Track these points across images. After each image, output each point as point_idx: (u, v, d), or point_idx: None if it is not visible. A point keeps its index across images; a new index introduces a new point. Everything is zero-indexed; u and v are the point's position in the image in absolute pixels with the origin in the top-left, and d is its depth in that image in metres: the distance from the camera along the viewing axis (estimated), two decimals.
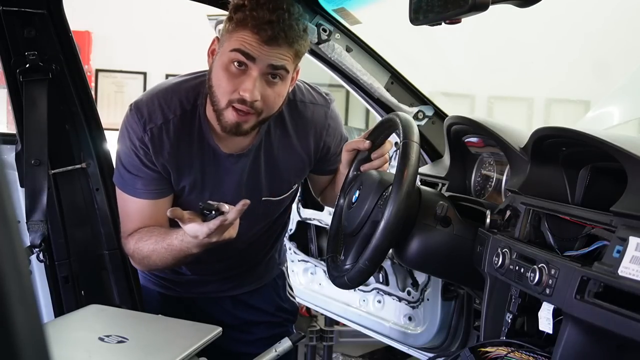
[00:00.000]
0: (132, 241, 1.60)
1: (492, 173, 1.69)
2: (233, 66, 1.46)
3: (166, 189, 1.62)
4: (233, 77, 1.46)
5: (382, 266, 2.07)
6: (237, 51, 1.44)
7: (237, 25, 1.44)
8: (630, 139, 1.20)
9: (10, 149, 1.71)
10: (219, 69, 1.48)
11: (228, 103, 1.48)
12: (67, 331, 1.43)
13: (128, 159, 1.59)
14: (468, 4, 1.11)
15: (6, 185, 0.39)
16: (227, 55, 1.46)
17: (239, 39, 1.44)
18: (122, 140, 1.60)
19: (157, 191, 1.61)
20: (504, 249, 1.29)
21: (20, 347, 0.37)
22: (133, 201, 1.61)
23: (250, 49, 1.44)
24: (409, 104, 2.00)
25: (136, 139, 1.56)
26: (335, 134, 1.73)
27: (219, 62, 1.48)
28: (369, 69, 1.96)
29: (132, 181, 1.59)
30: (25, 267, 0.39)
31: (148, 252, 1.56)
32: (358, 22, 1.91)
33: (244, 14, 1.43)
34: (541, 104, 5.15)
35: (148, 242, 1.55)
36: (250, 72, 1.45)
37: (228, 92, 1.47)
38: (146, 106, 1.57)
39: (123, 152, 1.60)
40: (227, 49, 1.46)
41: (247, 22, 1.43)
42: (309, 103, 1.67)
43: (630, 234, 0.98)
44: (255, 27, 1.42)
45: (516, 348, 1.20)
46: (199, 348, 1.34)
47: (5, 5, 1.65)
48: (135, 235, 1.60)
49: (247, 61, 1.44)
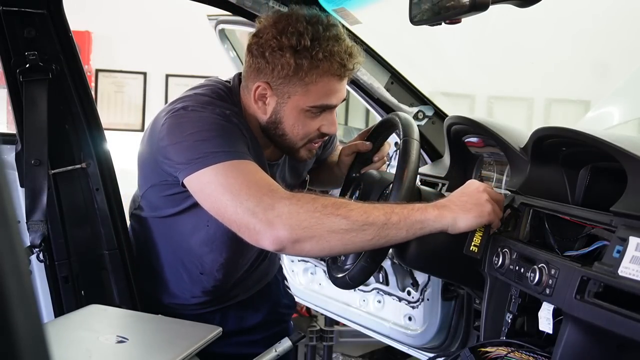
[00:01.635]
0: (309, 200, 1.23)
1: (492, 173, 1.69)
2: (309, 114, 1.42)
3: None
4: (312, 120, 1.43)
5: (382, 266, 2.07)
6: (320, 106, 1.39)
7: (311, 71, 1.33)
8: (630, 139, 1.20)
9: (10, 149, 1.71)
10: (295, 117, 1.42)
11: (308, 141, 1.46)
12: (67, 331, 1.42)
13: (229, 132, 1.36)
14: (468, 4, 1.11)
15: (6, 185, 0.39)
16: (307, 109, 1.40)
17: (320, 91, 1.37)
18: (198, 124, 1.35)
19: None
20: (504, 249, 1.29)
21: (20, 347, 0.37)
22: (248, 165, 1.32)
23: (333, 99, 1.39)
24: (409, 104, 2.00)
25: (222, 117, 1.37)
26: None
27: (294, 113, 1.41)
28: (369, 69, 1.96)
29: (234, 144, 1.34)
30: (25, 267, 0.39)
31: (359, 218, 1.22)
32: (358, 22, 1.91)
33: (319, 55, 1.32)
34: (541, 104, 5.14)
35: (355, 211, 1.22)
36: (332, 112, 1.43)
37: (309, 134, 1.45)
38: (211, 92, 1.44)
39: (208, 127, 1.34)
40: (305, 104, 1.39)
41: (324, 68, 1.34)
42: None
43: (630, 234, 0.98)
44: (335, 69, 1.34)
45: (516, 348, 1.20)
46: (199, 348, 1.34)
47: (5, 5, 1.65)
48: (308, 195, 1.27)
49: (330, 108, 1.42)
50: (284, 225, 1.20)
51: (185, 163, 1.33)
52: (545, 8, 1.21)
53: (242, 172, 1.28)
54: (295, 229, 1.20)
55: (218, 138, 1.32)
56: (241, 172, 1.28)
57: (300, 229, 1.19)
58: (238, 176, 1.27)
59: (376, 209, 1.23)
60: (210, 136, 1.32)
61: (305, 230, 1.20)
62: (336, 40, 1.35)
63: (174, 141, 1.37)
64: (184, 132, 1.35)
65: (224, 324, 1.58)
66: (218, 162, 1.29)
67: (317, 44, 1.33)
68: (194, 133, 1.34)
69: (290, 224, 1.20)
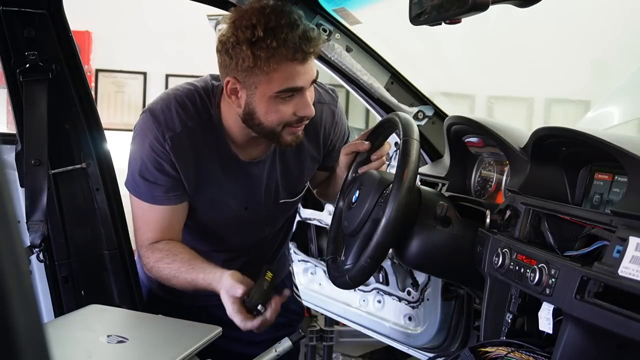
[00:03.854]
0: (151, 256, 1.60)
1: (492, 173, 1.69)
2: (280, 99, 1.46)
3: (184, 193, 1.61)
4: (284, 104, 1.47)
5: (382, 266, 2.07)
6: (286, 90, 1.44)
7: (269, 60, 1.40)
8: (630, 139, 1.20)
9: (10, 149, 1.71)
10: (265, 105, 1.47)
11: (284, 126, 1.50)
12: (67, 331, 1.42)
13: (146, 166, 1.56)
14: (468, 4, 1.11)
15: (6, 185, 0.39)
16: (274, 95, 1.45)
17: (281, 76, 1.42)
18: (138, 147, 1.57)
19: (176, 196, 1.60)
20: (504, 249, 1.29)
21: (20, 347, 0.37)
22: (151, 209, 1.59)
23: (298, 81, 1.44)
24: (409, 104, 2.00)
25: (157, 146, 1.54)
26: (341, 131, 1.76)
27: (263, 101, 1.47)
28: (369, 69, 1.96)
29: (150, 189, 1.58)
30: (25, 267, 0.39)
31: (168, 276, 1.57)
32: (358, 22, 1.91)
33: (268, 44, 1.38)
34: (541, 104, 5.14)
35: (171, 267, 1.56)
36: (303, 94, 1.46)
37: (284, 119, 1.48)
38: (162, 112, 1.55)
39: (140, 160, 1.56)
40: (271, 91, 1.44)
41: (280, 54, 1.39)
42: (317, 103, 1.65)
43: (630, 234, 0.98)
44: (292, 54, 1.39)
45: (516, 348, 1.20)
46: (199, 348, 1.34)
47: (5, 5, 1.65)
48: (156, 251, 1.59)
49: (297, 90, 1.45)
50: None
51: (129, 174, 1.62)
52: (545, 8, 1.21)
53: (141, 211, 1.62)
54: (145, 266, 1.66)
55: (142, 175, 1.57)
56: (140, 210, 1.62)
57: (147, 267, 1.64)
58: (140, 214, 1.63)
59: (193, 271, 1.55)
60: (138, 171, 1.57)
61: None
62: (290, 26, 1.40)
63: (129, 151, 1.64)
64: (131, 152, 1.61)
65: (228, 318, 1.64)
66: (135, 195, 1.61)
67: (271, 32, 1.39)
68: (132, 161, 1.60)
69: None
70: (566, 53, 4.41)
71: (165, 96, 1.60)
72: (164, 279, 1.59)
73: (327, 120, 1.70)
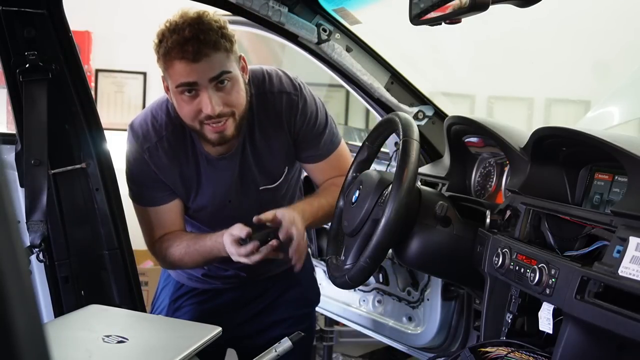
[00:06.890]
0: (161, 247, 1.75)
1: (492, 173, 1.69)
2: (185, 96, 1.57)
3: (173, 192, 1.76)
4: (190, 102, 1.58)
5: (382, 266, 2.07)
6: (179, 86, 1.56)
7: (165, 61, 1.56)
8: (630, 139, 1.20)
9: (10, 149, 1.71)
10: (176, 102, 1.61)
11: (200, 124, 1.60)
12: (67, 331, 1.42)
13: (137, 175, 1.73)
14: (468, 4, 1.11)
15: (6, 185, 0.39)
16: (175, 92, 1.58)
17: (174, 73, 1.55)
18: (126, 157, 1.74)
19: (165, 195, 1.75)
20: (504, 249, 1.29)
21: (20, 347, 0.37)
22: (153, 211, 1.75)
23: (187, 77, 1.54)
24: (409, 104, 2.00)
25: (138, 157, 1.71)
26: (307, 116, 1.76)
27: (174, 97, 1.61)
28: (369, 69, 1.96)
29: (148, 192, 1.74)
30: (25, 267, 0.39)
31: (180, 255, 1.72)
32: (358, 22, 1.91)
33: (164, 47, 1.55)
34: (541, 104, 5.14)
35: (180, 247, 1.72)
36: (200, 92, 1.56)
37: (194, 116, 1.59)
38: (140, 127, 1.71)
39: (131, 171, 1.74)
40: (172, 87, 1.59)
41: (170, 54, 1.54)
42: (278, 92, 1.73)
43: (630, 234, 0.98)
44: (178, 54, 1.53)
45: (516, 348, 1.20)
46: (199, 348, 1.34)
47: (5, 5, 1.65)
48: (164, 242, 1.75)
49: (192, 87, 1.55)
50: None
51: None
52: (545, 8, 1.21)
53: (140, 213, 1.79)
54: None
55: (133, 182, 1.75)
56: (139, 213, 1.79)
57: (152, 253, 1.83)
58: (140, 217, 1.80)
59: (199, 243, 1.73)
60: (129, 178, 1.75)
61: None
62: (175, 32, 1.54)
63: None
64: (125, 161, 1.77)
65: (245, 289, 1.90)
66: (132, 200, 1.78)
67: (163, 38, 1.56)
68: (125, 170, 1.76)
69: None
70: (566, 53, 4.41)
71: (145, 110, 1.78)
72: (177, 261, 1.73)
73: (288, 108, 1.73)
